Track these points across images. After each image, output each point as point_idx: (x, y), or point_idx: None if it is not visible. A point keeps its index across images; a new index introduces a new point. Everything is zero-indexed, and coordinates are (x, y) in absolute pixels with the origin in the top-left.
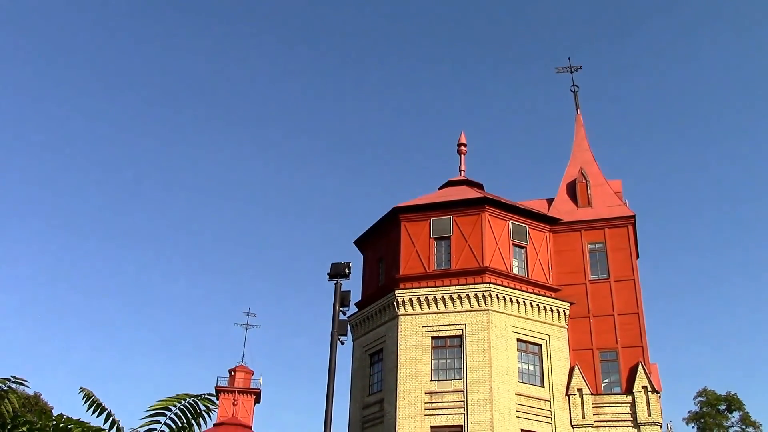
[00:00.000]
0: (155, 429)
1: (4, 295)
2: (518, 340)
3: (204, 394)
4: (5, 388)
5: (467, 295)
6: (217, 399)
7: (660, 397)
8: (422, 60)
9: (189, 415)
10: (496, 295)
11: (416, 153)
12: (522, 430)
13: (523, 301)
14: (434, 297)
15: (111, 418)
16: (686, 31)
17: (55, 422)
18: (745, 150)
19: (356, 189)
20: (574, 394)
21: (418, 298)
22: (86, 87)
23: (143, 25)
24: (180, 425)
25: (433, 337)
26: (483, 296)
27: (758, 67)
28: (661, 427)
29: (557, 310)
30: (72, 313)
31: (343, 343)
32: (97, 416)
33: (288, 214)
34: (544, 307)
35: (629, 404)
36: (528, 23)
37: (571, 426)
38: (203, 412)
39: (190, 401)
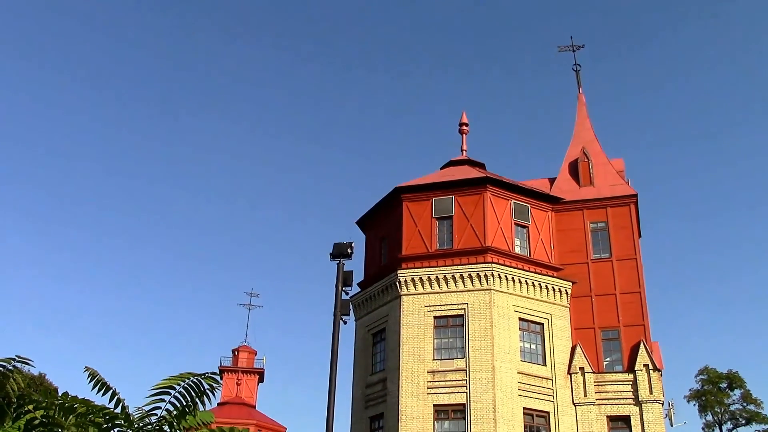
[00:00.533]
0: (159, 407)
1: (9, 276)
2: (520, 319)
3: (207, 374)
4: (10, 368)
5: (469, 274)
6: (221, 378)
7: (661, 375)
8: (424, 39)
9: (193, 394)
10: (498, 274)
11: (418, 133)
12: (524, 408)
13: (525, 281)
14: (436, 277)
15: (116, 396)
16: (686, 13)
17: (60, 401)
18: (749, 128)
19: (358, 169)
20: (576, 373)
21: (421, 277)
22: (86, 86)
23: (143, 25)
24: (184, 404)
25: (435, 317)
26: (485, 276)
27: (761, 47)
28: (662, 404)
29: (559, 289)
30: (76, 294)
31: (345, 323)
32: (102, 395)
33: (291, 195)
34: (546, 286)
35: (631, 382)
36: (530, 2)
37: (573, 404)
38: (207, 391)
39: (194, 380)
